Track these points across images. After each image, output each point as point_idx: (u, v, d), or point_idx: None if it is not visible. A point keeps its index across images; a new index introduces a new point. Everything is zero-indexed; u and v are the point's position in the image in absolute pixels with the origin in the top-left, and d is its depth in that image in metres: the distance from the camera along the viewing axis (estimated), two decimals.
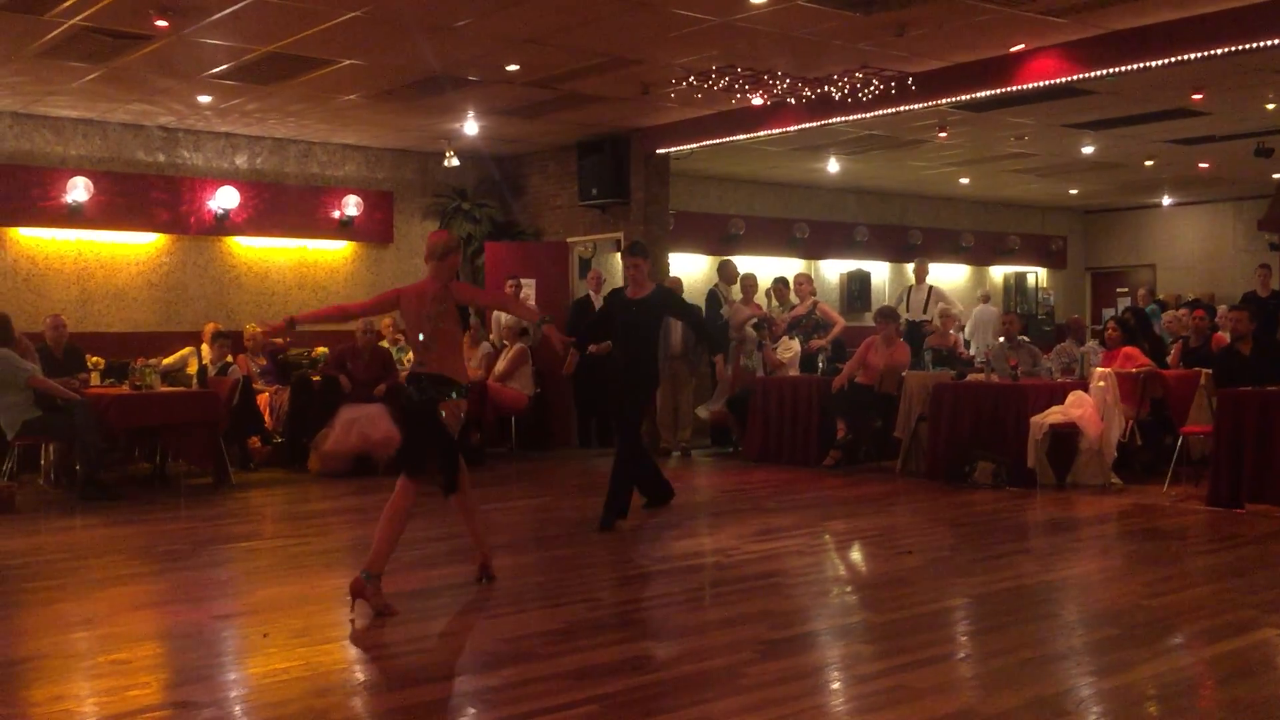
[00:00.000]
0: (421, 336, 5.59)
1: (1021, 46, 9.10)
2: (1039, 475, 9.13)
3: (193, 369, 10.67)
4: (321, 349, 12.11)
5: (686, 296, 12.28)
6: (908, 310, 13.64)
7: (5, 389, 8.84)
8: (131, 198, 11.65)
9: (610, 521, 7.61)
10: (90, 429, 8.90)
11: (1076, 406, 9.10)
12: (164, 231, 11.88)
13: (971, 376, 10.22)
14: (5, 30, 8.25)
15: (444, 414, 5.48)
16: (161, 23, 7.98)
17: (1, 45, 8.67)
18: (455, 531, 7.68)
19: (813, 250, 16.51)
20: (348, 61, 9.23)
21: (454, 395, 5.52)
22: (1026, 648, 4.80)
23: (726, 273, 12.90)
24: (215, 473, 9.71)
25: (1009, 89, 9.50)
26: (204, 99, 10.53)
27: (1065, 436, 9.21)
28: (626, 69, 9.60)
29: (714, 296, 12.56)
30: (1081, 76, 9.12)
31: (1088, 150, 13.83)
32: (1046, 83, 9.27)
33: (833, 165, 14.39)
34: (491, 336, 12.34)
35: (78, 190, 11.21)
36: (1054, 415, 9.12)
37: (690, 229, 14.85)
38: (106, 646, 4.94)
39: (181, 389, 9.87)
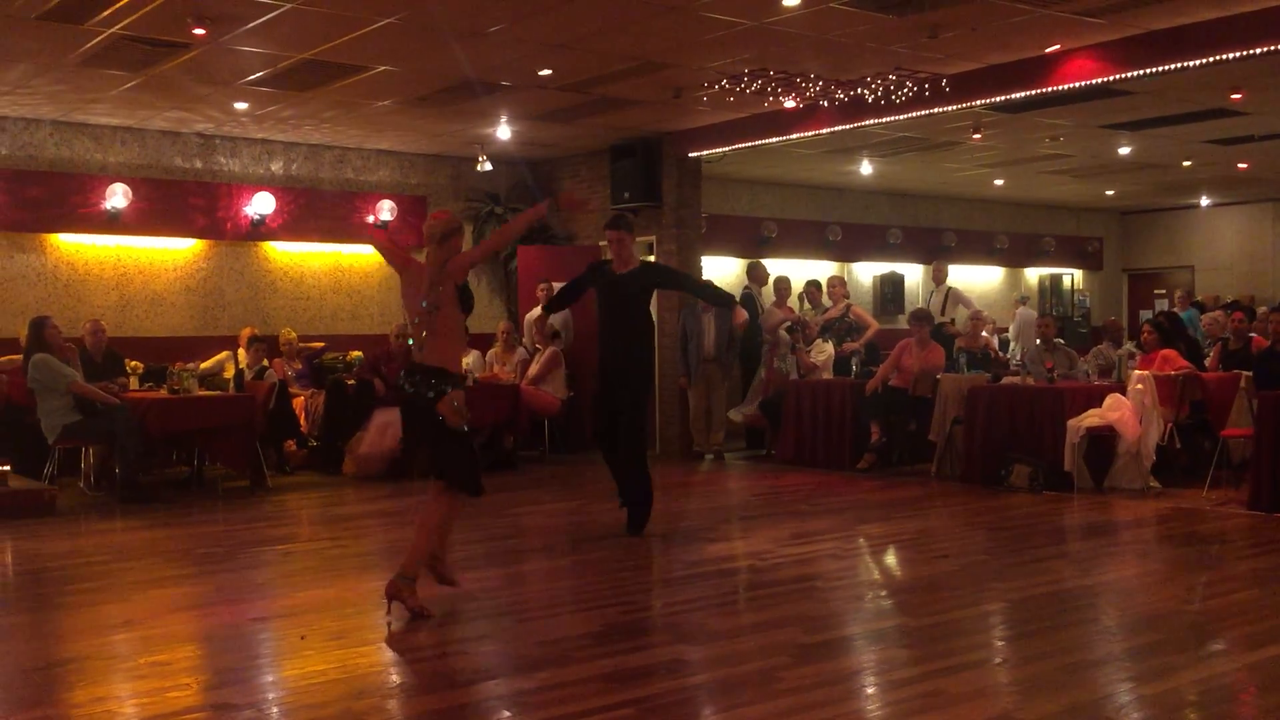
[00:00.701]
0: (417, 320, 5.34)
1: (1057, 47, 9.03)
2: (1076, 479, 9.05)
3: (229, 373, 10.77)
4: (355, 353, 12.19)
5: None
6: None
7: (45, 394, 8.96)
8: (169, 204, 11.78)
9: (640, 527, 7.52)
10: (129, 433, 9.00)
11: (1114, 409, 9.02)
12: (201, 237, 12.00)
13: (1007, 379, 10.15)
14: (46, 40, 8.36)
15: (443, 415, 5.26)
16: (199, 31, 8.06)
17: (42, 55, 8.79)
18: (491, 534, 7.73)
19: (846, 253, 16.45)
20: (382, 68, 9.29)
21: (448, 388, 5.25)
22: (1065, 653, 4.76)
23: (757, 275, 12.89)
24: (252, 476, 9.79)
25: (1044, 90, 9.43)
26: (240, 106, 10.63)
27: (1103, 440, 9.13)
28: (659, 73, 9.61)
29: (749, 299, 12.54)
30: (1118, 77, 9.04)
31: (1125, 151, 13.71)
32: (1083, 83, 9.19)
33: (865, 167, 14.34)
34: (525, 340, 12.38)
35: (117, 197, 11.35)
36: (1091, 418, 9.04)
37: (722, 232, 14.84)
38: (146, 648, 5.00)
39: (218, 393, 9.95)
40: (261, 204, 12.12)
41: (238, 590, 6.20)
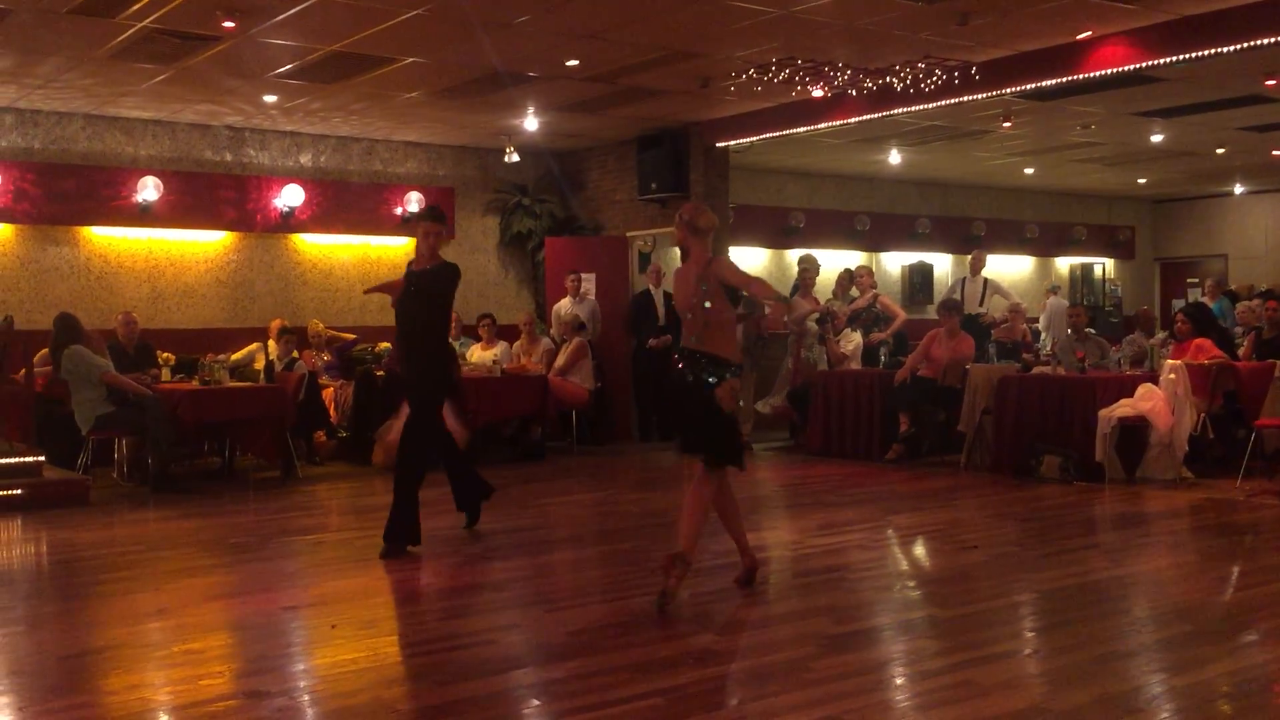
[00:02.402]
0: (690, 316, 5.56)
1: (1089, 34, 8.94)
2: (1108, 469, 8.98)
3: (260, 365, 10.85)
4: (384, 344, 12.24)
5: None
6: (962, 303, 13.47)
7: (79, 385, 9.06)
8: (200, 196, 11.86)
9: (475, 516, 7.34)
10: (161, 423, 9.08)
11: (1146, 399, 8.93)
12: (231, 229, 12.09)
13: (1037, 369, 10.08)
14: (78, 34, 8.43)
15: (720, 399, 5.44)
16: (229, 24, 8.11)
17: (74, 48, 8.87)
18: (520, 524, 7.75)
19: (874, 242, 16.38)
20: (410, 59, 9.32)
21: (727, 376, 5.45)
22: (1096, 644, 4.73)
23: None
24: (282, 466, 9.86)
25: (1075, 77, 9.34)
26: (269, 98, 10.69)
27: (1135, 430, 9.05)
28: (686, 63, 9.58)
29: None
30: (1151, 63, 8.94)
31: (1157, 139, 13.56)
32: (1114, 70, 9.10)
33: (894, 156, 14.26)
34: (551, 331, 12.40)
35: (148, 190, 11.44)
36: (1123, 408, 8.96)
37: (750, 222, 14.80)
38: (179, 636, 5.05)
39: (249, 384, 10.03)
40: (291, 196, 12.19)
41: (269, 579, 6.25)
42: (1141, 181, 17.60)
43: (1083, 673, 4.34)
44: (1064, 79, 9.42)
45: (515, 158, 12.78)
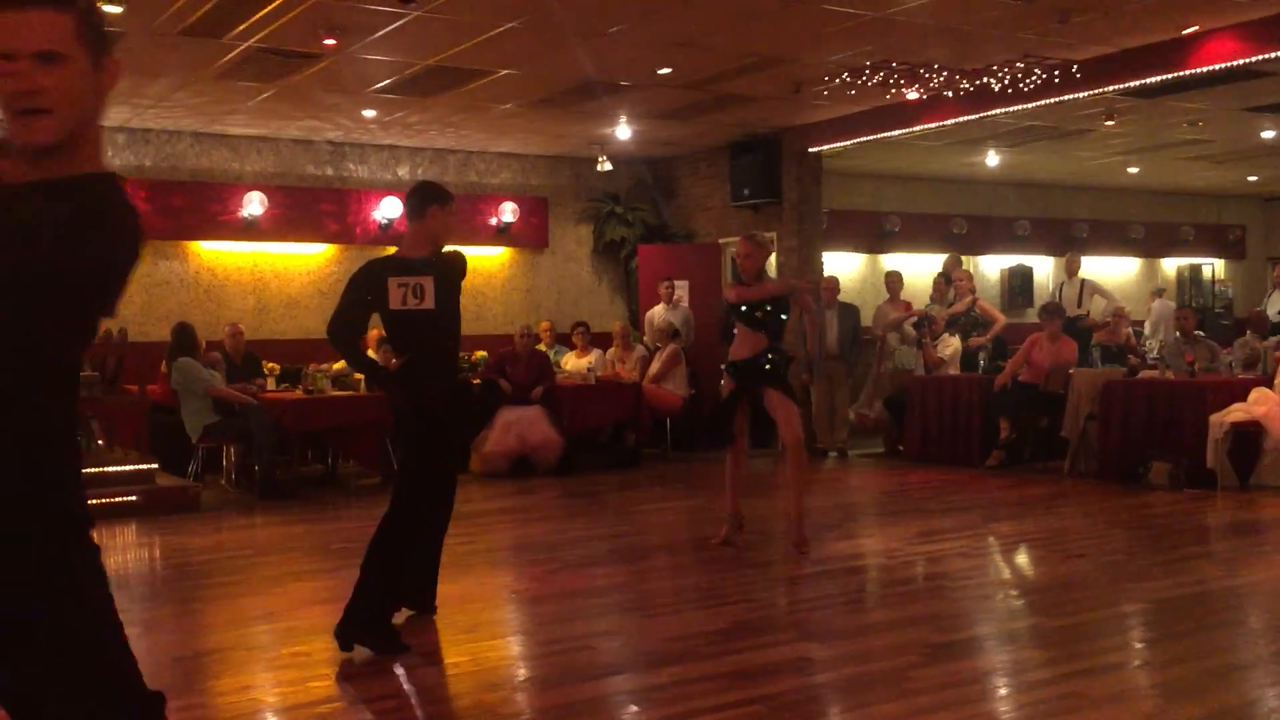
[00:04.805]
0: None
1: (1195, 28, 8.68)
2: (1220, 476, 8.69)
3: (359, 374, 11.05)
4: (480, 353, 12.40)
5: (843, 297, 12.24)
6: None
7: (187, 395, 9.37)
8: (302, 210, 12.16)
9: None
10: (264, 431, 9.32)
11: (1260, 404, 8.64)
12: (332, 242, 12.36)
13: (1144, 374, 9.81)
14: (187, 54, 8.71)
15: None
16: (329, 41, 8.30)
17: (184, 69, 9.16)
18: (616, 531, 7.79)
19: (971, 246, 16.08)
20: (504, 71, 9.43)
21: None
22: (1209, 656, 4.58)
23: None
24: (383, 473, 10.03)
25: (1182, 73, 9.08)
26: (369, 113, 10.92)
27: (1248, 435, 8.75)
28: (778, 68, 9.54)
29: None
30: (1261, 58, 8.64)
31: (1269, 135, 13.10)
32: (1223, 65, 8.82)
33: (992, 158, 14.01)
34: (645, 338, 12.43)
35: (253, 204, 11.76)
36: (1235, 413, 8.67)
37: (844, 227, 14.67)
38: (286, 639, 5.17)
39: (350, 393, 10.24)
40: (389, 208, 12.42)
41: None
42: (1252, 179, 17.02)
43: (1196, 685, 4.21)
44: (1170, 75, 9.16)
45: (608, 166, 12.86)
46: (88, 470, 3.43)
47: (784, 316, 6.82)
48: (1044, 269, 16.92)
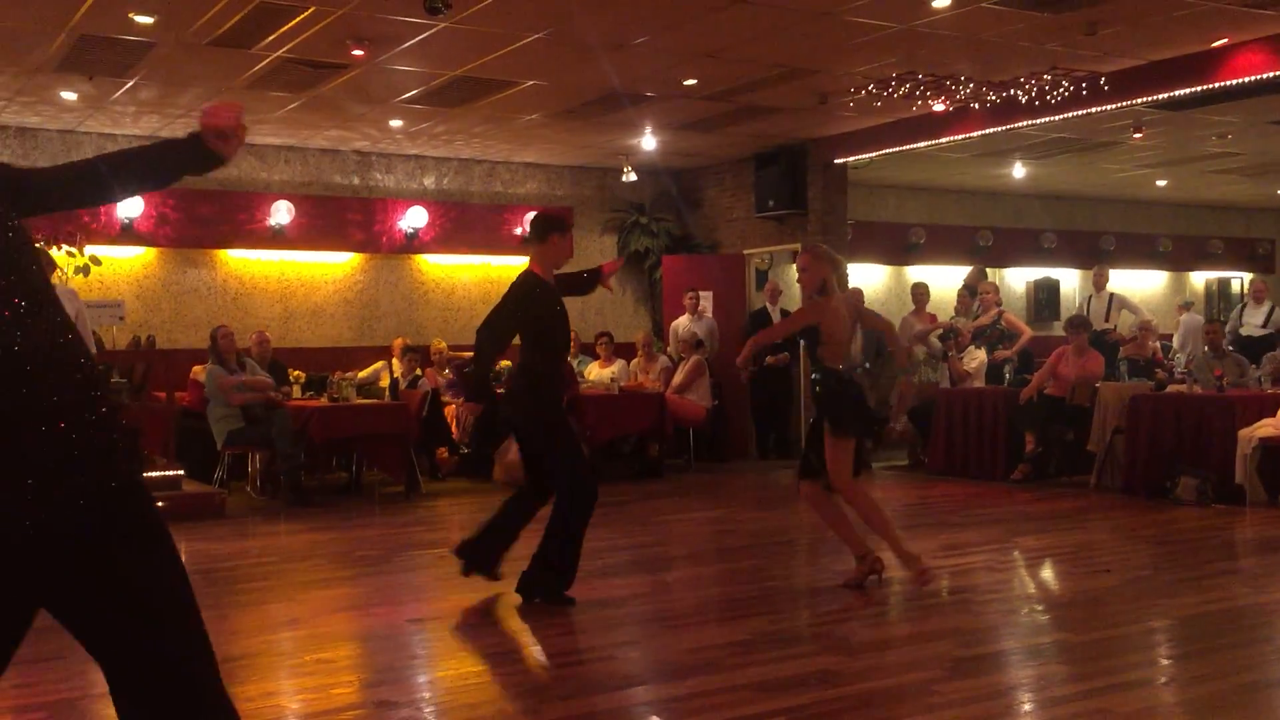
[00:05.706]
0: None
1: (1224, 41, 8.64)
2: (1249, 492, 8.61)
3: (384, 382, 11.11)
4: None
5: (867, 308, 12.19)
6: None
7: (214, 402, 9.45)
8: (329, 219, 12.25)
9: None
10: (286, 438, 9.37)
11: None
12: (358, 251, 12.44)
13: (1172, 388, 9.73)
14: (218, 65, 8.80)
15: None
16: (358, 52, 8.37)
17: (214, 79, 9.25)
18: (638, 542, 7.79)
19: (997, 258, 16.02)
20: (530, 82, 9.48)
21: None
22: (1238, 673, 4.53)
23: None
24: (406, 482, 10.07)
25: (1211, 86, 9.03)
26: (395, 123, 10.99)
27: (1278, 451, 8.67)
28: (804, 79, 9.55)
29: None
30: None
31: None
32: (1252, 78, 8.76)
33: (1018, 170, 13.96)
34: (669, 349, 12.43)
35: (280, 213, 11.85)
36: (1265, 428, 8.59)
37: (869, 239, 14.64)
38: (310, 646, 5.19)
39: (375, 401, 10.28)
40: (415, 218, 12.50)
41: (395, 592, 6.39)
42: None
43: (1224, 702, 4.16)
44: (1198, 88, 9.12)
45: (633, 177, 12.89)
46: None
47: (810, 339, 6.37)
48: (1070, 282, 16.83)
